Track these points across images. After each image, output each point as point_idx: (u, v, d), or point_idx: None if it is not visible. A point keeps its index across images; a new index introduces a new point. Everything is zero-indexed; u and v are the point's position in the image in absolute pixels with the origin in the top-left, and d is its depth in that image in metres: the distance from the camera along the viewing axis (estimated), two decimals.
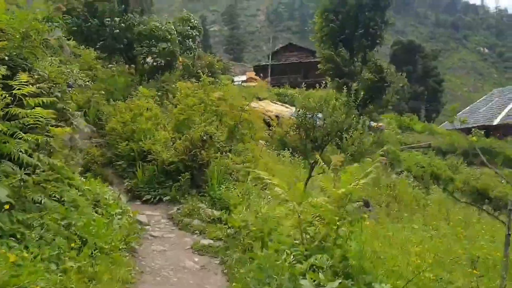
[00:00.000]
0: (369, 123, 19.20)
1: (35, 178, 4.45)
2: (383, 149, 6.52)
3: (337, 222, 3.90)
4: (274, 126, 16.52)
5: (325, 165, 5.19)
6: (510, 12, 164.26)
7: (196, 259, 5.86)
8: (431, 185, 18.21)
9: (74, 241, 4.41)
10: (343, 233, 4.10)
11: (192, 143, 8.85)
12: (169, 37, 15.67)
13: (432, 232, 8.75)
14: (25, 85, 3.82)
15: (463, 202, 9.79)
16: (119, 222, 5.90)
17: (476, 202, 16.19)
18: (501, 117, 32.89)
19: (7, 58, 4.42)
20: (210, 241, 6.46)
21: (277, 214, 5.62)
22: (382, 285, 3.77)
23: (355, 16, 24.64)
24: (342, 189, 4.03)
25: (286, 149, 15.10)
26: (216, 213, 7.41)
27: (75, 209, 5.02)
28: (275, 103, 25.81)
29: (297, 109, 10.47)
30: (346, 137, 10.24)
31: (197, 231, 6.96)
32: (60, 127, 4.72)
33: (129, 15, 16.23)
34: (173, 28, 16.24)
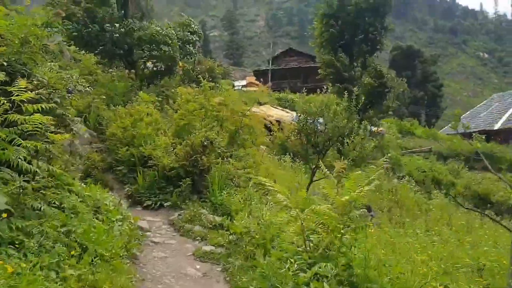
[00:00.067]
0: (369, 128, 19.15)
1: (35, 185, 4.39)
2: (387, 156, 6.44)
3: (341, 230, 3.83)
4: (275, 131, 16.47)
5: (327, 170, 5.14)
6: (509, 17, 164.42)
7: (197, 266, 5.78)
8: (432, 189, 18.16)
9: (74, 249, 4.35)
10: (347, 241, 4.03)
11: (192, 149, 8.79)
12: (170, 42, 15.66)
13: (434, 237, 8.69)
14: (24, 91, 3.76)
15: (468, 208, 9.71)
16: (119, 228, 5.83)
17: (477, 206, 16.12)
18: (502, 122, 32.93)
19: (5, 63, 4.37)
20: (211, 247, 6.38)
21: (279, 220, 5.55)
22: None
23: (354, 21, 24.65)
24: (346, 197, 3.97)
25: (287, 154, 15.06)
26: (217, 219, 7.34)
27: (75, 215, 4.96)
28: (276, 108, 25.82)
29: (298, 114, 10.40)
30: (347, 142, 10.17)
31: (199, 237, 6.89)
32: (59, 133, 4.66)
33: (129, 20, 16.22)
34: (173, 33, 16.23)
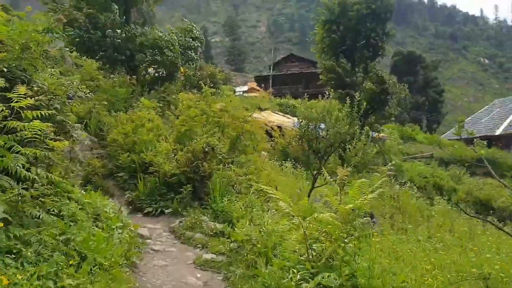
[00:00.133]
0: (371, 134, 19.08)
1: (33, 192, 4.33)
2: (392, 163, 6.39)
3: (345, 238, 3.76)
4: (276, 136, 16.42)
5: (330, 177, 5.07)
6: (509, 23, 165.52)
7: (198, 275, 5.70)
8: (434, 195, 18.05)
9: (73, 257, 4.28)
10: (350, 250, 3.96)
11: (194, 155, 8.73)
12: (172, 47, 15.67)
13: (437, 244, 8.60)
14: (23, 97, 3.72)
15: (472, 216, 9.61)
16: (119, 236, 5.75)
17: (479, 213, 16.02)
18: (503, 127, 32.85)
19: (6, 70, 4.33)
20: (212, 255, 6.29)
21: (281, 228, 5.47)
22: None
23: (356, 27, 24.63)
24: (349, 205, 3.90)
25: (288, 160, 15.01)
26: (218, 226, 7.26)
27: (74, 223, 4.90)
28: (277, 114, 25.79)
29: (300, 119, 10.34)
30: (349, 148, 10.10)
31: (200, 245, 6.81)
32: (59, 140, 4.61)
33: (130, 26, 16.25)
34: (175, 38, 16.24)
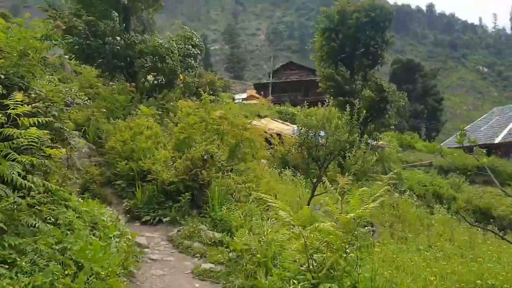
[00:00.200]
0: (371, 142, 19.05)
1: (30, 200, 4.27)
2: (394, 172, 6.33)
3: (346, 248, 3.70)
4: (275, 144, 16.36)
5: (330, 185, 5.01)
6: (508, 31, 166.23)
7: (197, 285, 5.61)
8: (433, 204, 17.98)
9: (69, 267, 4.21)
10: (352, 260, 3.89)
11: (192, 163, 8.67)
12: (171, 55, 15.67)
13: (438, 254, 8.52)
14: (20, 104, 3.67)
15: (474, 225, 9.55)
16: (117, 245, 5.68)
17: (479, 221, 15.94)
18: (502, 136, 32.85)
19: (3, 76, 4.29)
20: (211, 265, 6.21)
21: (280, 237, 5.40)
22: None
23: (355, 35, 24.70)
24: (351, 214, 3.84)
25: (287, 167, 14.94)
26: (217, 235, 7.18)
27: (71, 232, 4.83)
28: (277, 121, 25.79)
29: (299, 127, 10.31)
30: (349, 156, 10.07)
31: (198, 255, 6.72)
32: (56, 148, 4.55)
33: (130, 33, 16.25)
34: (175, 46, 16.25)
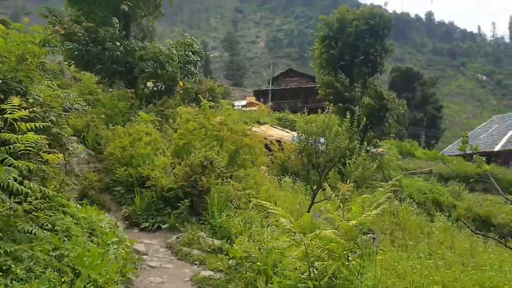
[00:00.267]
0: (371, 149, 19.04)
1: (26, 206, 4.20)
2: (396, 179, 6.27)
3: (348, 256, 3.63)
4: (275, 150, 16.33)
5: (332, 192, 4.96)
6: (506, 40, 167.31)
7: None
8: (433, 211, 17.92)
9: (66, 274, 4.12)
10: (354, 268, 3.82)
11: (192, 169, 8.61)
12: (171, 62, 15.67)
13: (439, 262, 8.45)
14: (18, 109, 3.63)
15: (477, 233, 9.47)
16: (115, 252, 5.60)
17: (479, 229, 15.88)
18: (502, 144, 32.85)
19: (1, 81, 4.25)
20: (210, 272, 6.12)
21: (281, 245, 5.33)
22: None
23: (354, 43, 24.84)
24: (353, 221, 3.78)
25: (287, 174, 14.88)
26: (216, 242, 7.10)
27: (68, 238, 4.76)
28: (276, 128, 25.77)
29: (299, 134, 10.29)
30: (349, 163, 10.04)
31: (197, 262, 6.63)
32: (54, 153, 4.50)
33: (130, 40, 16.27)
34: (175, 53, 16.26)
